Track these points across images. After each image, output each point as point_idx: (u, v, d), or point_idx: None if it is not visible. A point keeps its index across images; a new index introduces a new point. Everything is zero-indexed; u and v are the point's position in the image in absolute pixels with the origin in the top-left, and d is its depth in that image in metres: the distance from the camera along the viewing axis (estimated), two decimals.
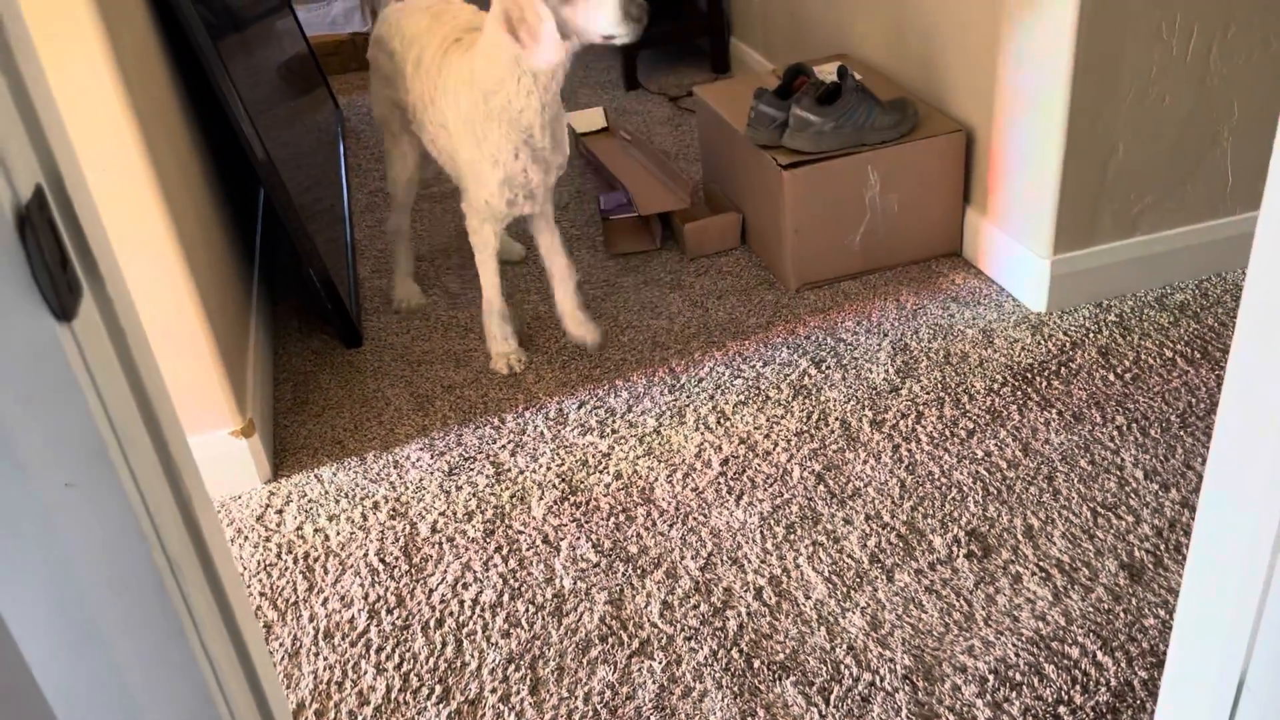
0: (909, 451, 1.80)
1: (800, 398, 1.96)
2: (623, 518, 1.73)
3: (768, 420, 1.91)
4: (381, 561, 1.70)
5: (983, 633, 1.46)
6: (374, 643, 1.55)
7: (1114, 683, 1.38)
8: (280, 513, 1.83)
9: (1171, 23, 1.85)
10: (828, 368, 2.03)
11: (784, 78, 2.24)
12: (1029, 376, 1.94)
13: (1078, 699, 1.36)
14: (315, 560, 1.71)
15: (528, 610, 1.58)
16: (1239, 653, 0.89)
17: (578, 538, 1.70)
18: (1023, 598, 1.51)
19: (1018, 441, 1.79)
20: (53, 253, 0.50)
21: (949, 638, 1.46)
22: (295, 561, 1.72)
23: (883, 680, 1.41)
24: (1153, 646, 1.42)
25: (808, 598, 1.54)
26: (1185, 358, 1.94)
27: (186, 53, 1.96)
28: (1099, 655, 1.41)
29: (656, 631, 1.52)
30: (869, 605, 1.52)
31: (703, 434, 1.90)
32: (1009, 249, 2.15)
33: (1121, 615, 1.47)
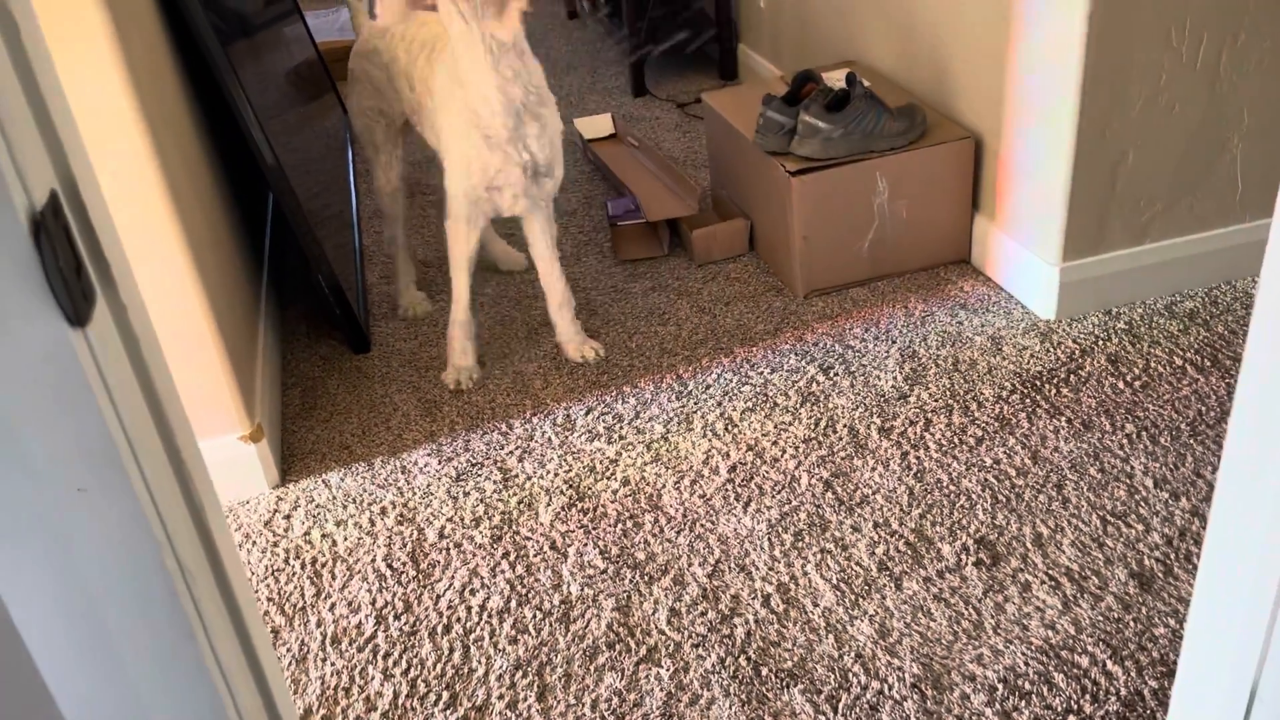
0: (917, 459, 1.79)
1: (808, 405, 1.96)
2: (630, 524, 1.73)
3: (776, 427, 1.91)
4: (389, 567, 1.70)
5: (992, 641, 1.46)
6: (381, 648, 1.55)
7: (1124, 692, 1.37)
8: (288, 518, 1.83)
9: (1181, 30, 1.85)
10: (836, 374, 2.03)
11: (792, 84, 2.24)
12: (1038, 384, 1.93)
13: (1088, 708, 1.36)
14: (323, 565, 1.72)
15: (535, 616, 1.57)
16: (1251, 663, 0.88)
17: (585, 544, 1.70)
18: (1032, 606, 1.50)
19: (1026, 449, 1.79)
20: (67, 258, 0.50)
21: (958, 646, 1.46)
22: (303, 567, 1.72)
23: (891, 688, 1.41)
24: (1163, 655, 1.41)
25: (816, 605, 1.54)
26: (1195, 365, 1.93)
27: (196, 58, 1.97)
28: (1109, 664, 1.41)
29: (664, 638, 1.52)
30: (877, 613, 1.52)
31: (710, 441, 1.90)
32: (1018, 256, 2.15)
33: (1131, 624, 1.46)
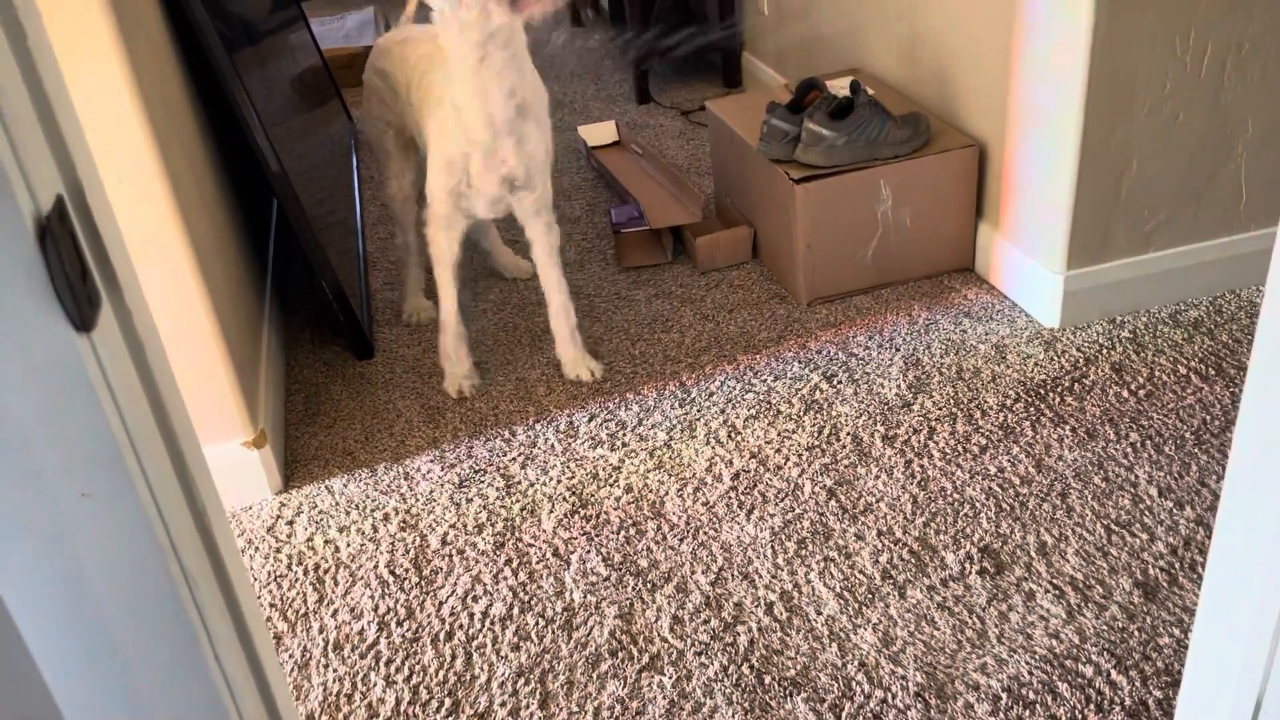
0: (921, 467, 1.79)
1: (812, 412, 1.95)
2: (633, 531, 1.73)
3: (779, 435, 1.91)
4: (391, 573, 1.69)
5: (995, 650, 1.45)
6: (383, 655, 1.55)
7: (1129, 702, 1.37)
8: (291, 524, 1.83)
9: (1185, 39, 1.85)
10: (839, 382, 2.03)
11: (796, 92, 2.25)
12: (1042, 392, 1.93)
13: (1092, 718, 1.35)
14: (325, 572, 1.71)
15: (537, 624, 1.57)
16: (1257, 674, 0.88)
17: (588, 551, 1.69)
18: (1036, 615, 1.50)
19: (1031, 458, 1.78)
20: (73, 264, 0.50)
21: (961, 655, 1.45)
22: (305, 573, 1.72)
23: (894, 698, 1.40)
24: (1168, 665, 1.41)
25: (819, 613, 1.54)
26: (1199, 374, 1.93)
27: (202, 65, 1.97)
28: (1113, 674, 1.40)
29: (667, 646, 1.51)
30: (881, 621, 1.51)
31: (713, 448, 1.89)
32: (1022, 264, 2.14)
33: (1136, 634, 1.46)
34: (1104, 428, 1.83)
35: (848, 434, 1.89)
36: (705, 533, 1.71)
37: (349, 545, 1.76)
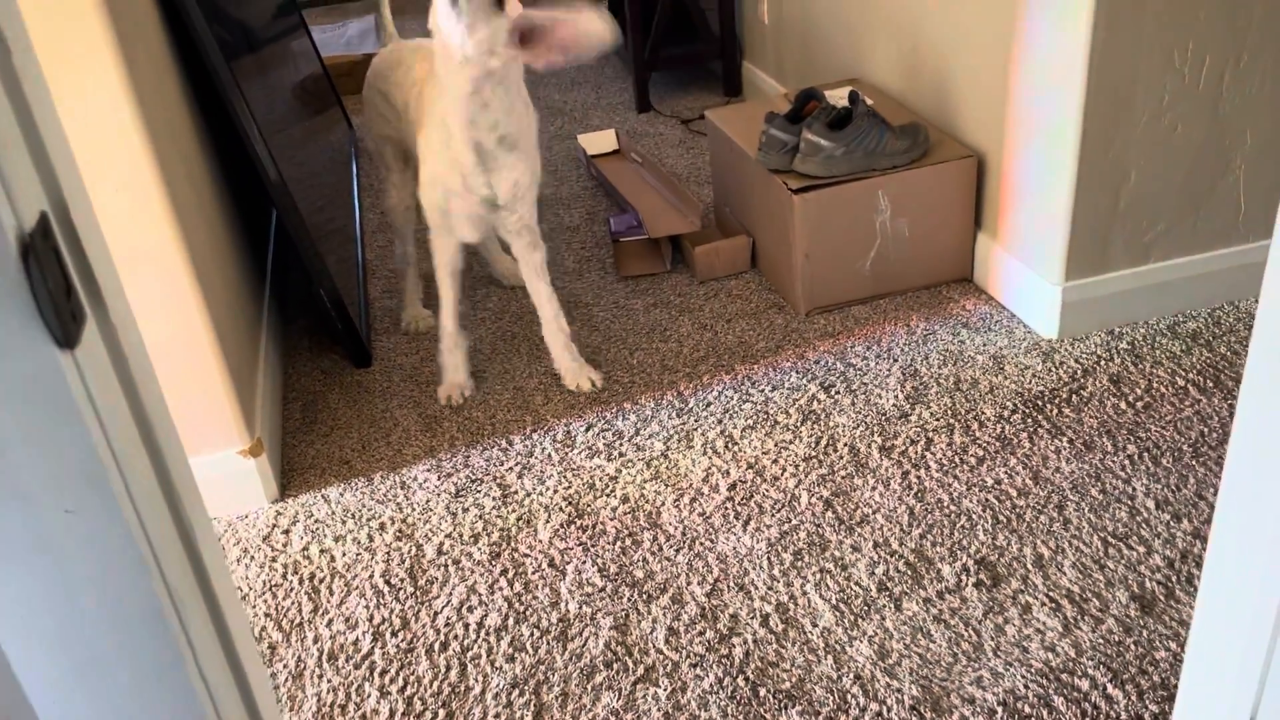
0: (918, 478, 1.79)
1: (809, 423, 1.95)
2: (629, 542, 1.72)
3: (776, 445, 1.90)
4: (387, 583, 1.69)
5: (991, 663, 1.45)
6: (378, 665, 1.54)
7: (1124, 716, 1.36)
8: (287, 533, 1.82)
9: (1184, 51, 1.85)
10: (837, 393, 2.03)
11: (795, 102, 2.25)
12: (1040, 404, 1.93)
13: None
14: (321, 581, 1.71)
15: (532, 635, 1.57)
16: (1251, 688, 0.87)
17: (584, 561, 1.69)
18: (1032, 628, 1.49)
19: (1028, 469, 1.78)
20: (56, 280, 0.50)
21: (957, 668, 1.45)
22: (301, 582, 1.71)
23: (890, 711, 1.40)
24: (1164, 680, 1.40)
25: (815, 626, 1.53)
26: (1198, 386, 1.93)
27: (201, 72, 1.97)
28: (1109, 688, 1.40)
29: (662, 658, 1.51)
30: (876, 634, 1.51)
31: (710, 458, 1.89)
32: (1020, 275, 2.14)
33: (1132, 647, 1.45)
34: (1101, 439, 1.82)
35: (845, 445, 1.88)
36: (701, 543, 1.70)
37: (345, 555, 1.76)
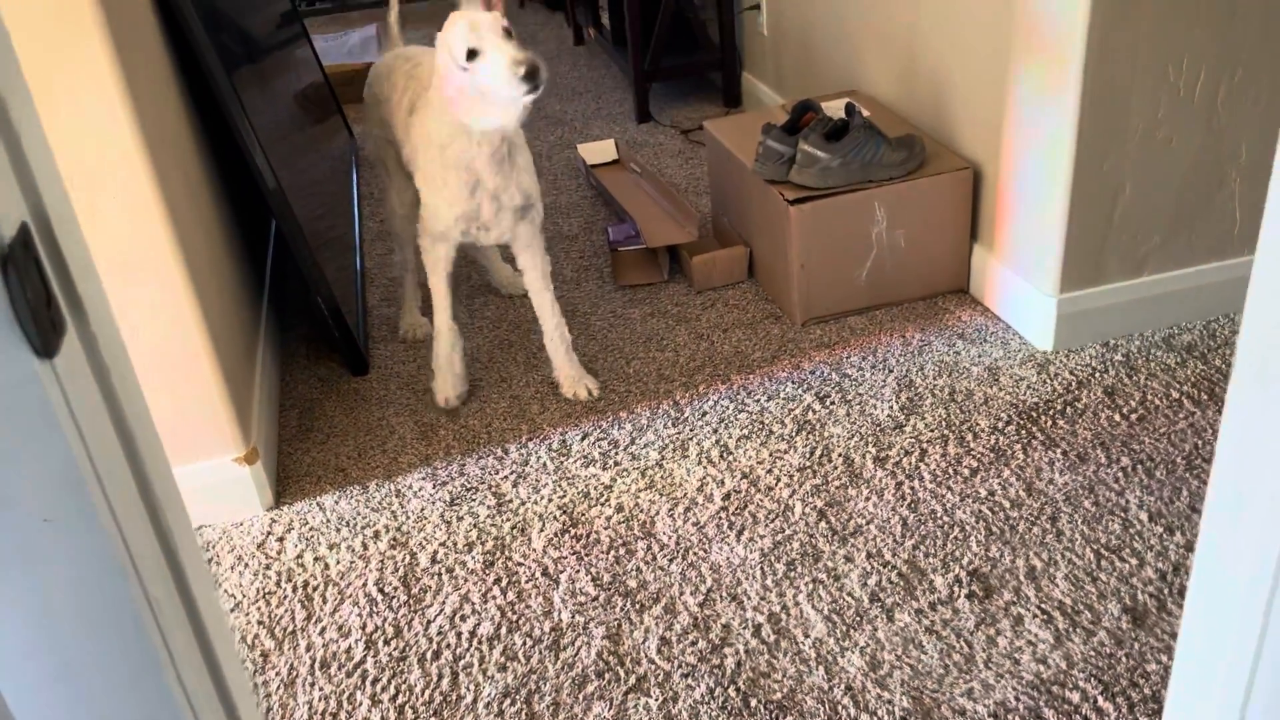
0: (912, 489, 1.79)
1: (804, 433, 1.95)
2: (623, 551, 1.72)
3: (770, 455, 1.91)
4: (380, 591, 1.69)
5: (983, 675, 1.45)
6: (370, 674, 1.55)
7: None
8: (281, 540, 1.83)
9: (1179, 65, 1.85)
10: (832, 403, 2.03)
11: (792, 114, 2.25)
12: (1034, 415, 1.93)
13: None
14: (314, 589, 1.71)
15: (525, 644, 1.57)
16: (1237, 699, 0.87)
17: (577, 571, 1.69)
18: (1024, 640, 1.49)
19: (1021, 481, 1.78)
20: (36, 290, 0.50)
21: (949, 680, 1.45)
22: (295, 590, 1.71)
23: None
24: (1155, 693, 1.40)
25: (807, 636, 1.53)
26: (1192, 399, 1.93)
27: (201, 79, 1.98)
28: (1100, 701, 1.40)
29: (654, 668, 1.51)
30: (868, 645, 1.51)
31: (705, 468, 1.89)
32: (1016, 286, 2.15)
33: (1124, 660, 1.45)
34: (1095, 451, 1.82)
35: (839, 455, 1.89)
36: (695, 553, 1.70)
37: (339, 562, 1.76)
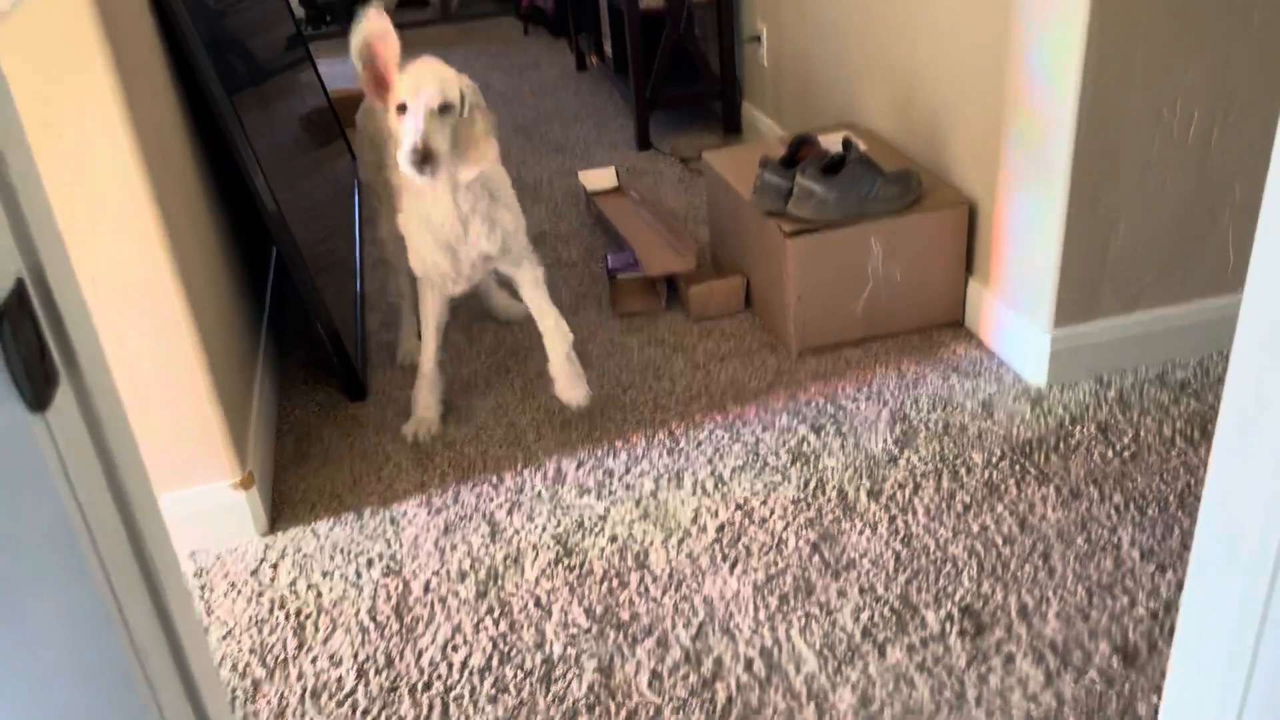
0: (905, 524, 1.79)
1: (799, 465, 1.96)
2: (616, 582, 1.72)
3: (765, 487, 1.91)
4: (373, 620, 1.69)
5: (974, 713, 1.45)
6: (360, 704, 1.55)
7: None
8: (275, 567, 1.83)
9: (1172, 106, 1.87)
10: (827, 435, 2.03)
11: (789, 147, 2.27)
12: (1028, 451, 1.93)
13: None
14: (307, 617, 1.71)
15: (516, 675, 1.57)
16: None
17: (570, 602, 1.69)
18: (1015, 678, 1.49)
19: (1014, 517, 1.78)
20: (30, 344, 0.51)
21: (939, 718, 1.44)
22: (287, 618, 1.71)
23: None
24: None
25: (798, 671, 1.53)
26: (1185, 436, 1.93)
27: (203, 101, 2.00)
28: None
29: (644, 701, 1.51)
30: (859, 681, 1.51)
31: (700, 499, 1.90)
32: (1011, 321, 2.16)
33: (1114, 700, 1.45)
34: (1088, 488, 1.83)
35: (833, 487, 1.89)
36: (688, 585, 1.71)
37: (331, 590, 1.76)
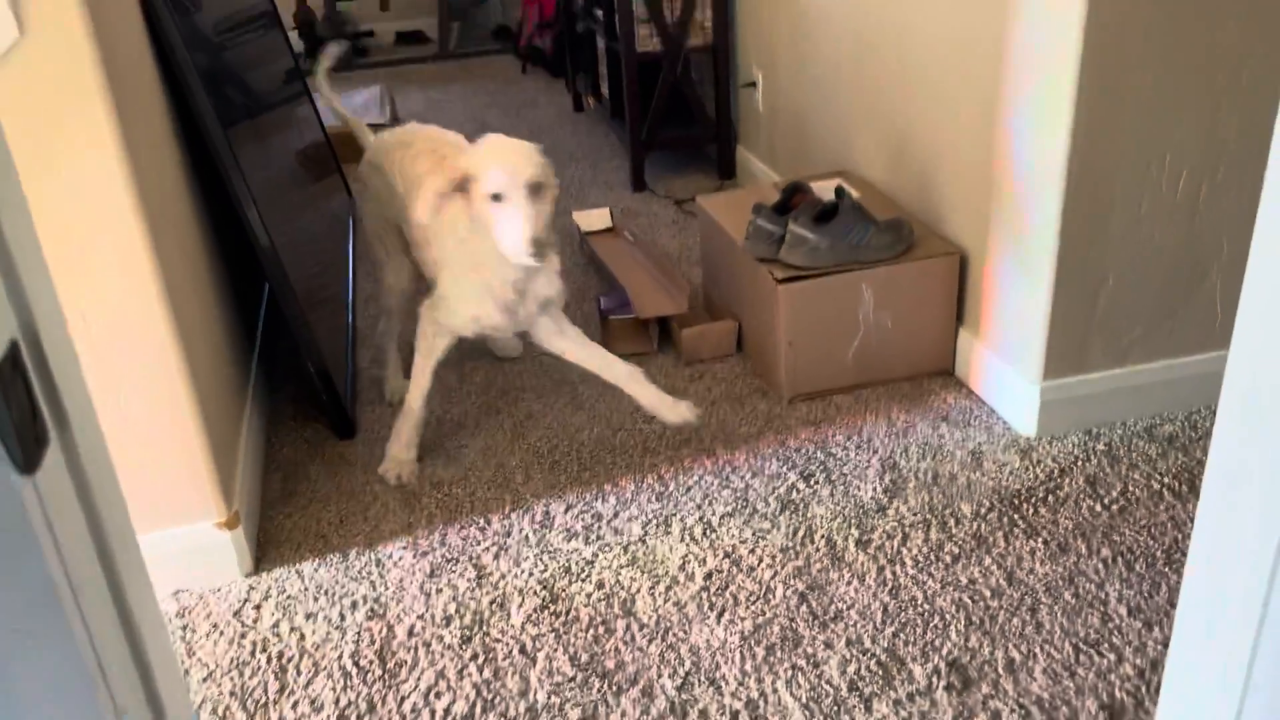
0: (893, 574, 1.79)
1: (787, 512, 1.96)
2: (602, 630, 1.71)
3: (754, 534, 1.91)
4: (355, 665, 1.68)
5: None
6: None
7: None
8: (258, 608, 1.81)
9: (1161, 164, 1.89)
10: (816, 482, 2.03)
11: (783, 194, 2.29)
12: (1016, 502, 1.94)
13: None
14: (289, 660, 1.70)
15: None
16: None
17: (555, 649, 1.68)
18: None
19: (1002, 570, 1.78)
20: (22, 408, 0.51)
21: None
22: (269, 661, 1.70)
23: None
24: None
25: None
26: (1173, 491, 1.94)
27: (198, 134, 2.00)
28: None
29: None
30: None
31: (688, 545, 1.89)
32: (1000, 372, 2.17)
33: None
34: (1076, 542, 1.83)
35: (822, 536, 1.89)
36: (674, 634, 1.70)
37: (314, 633, 1.75)
